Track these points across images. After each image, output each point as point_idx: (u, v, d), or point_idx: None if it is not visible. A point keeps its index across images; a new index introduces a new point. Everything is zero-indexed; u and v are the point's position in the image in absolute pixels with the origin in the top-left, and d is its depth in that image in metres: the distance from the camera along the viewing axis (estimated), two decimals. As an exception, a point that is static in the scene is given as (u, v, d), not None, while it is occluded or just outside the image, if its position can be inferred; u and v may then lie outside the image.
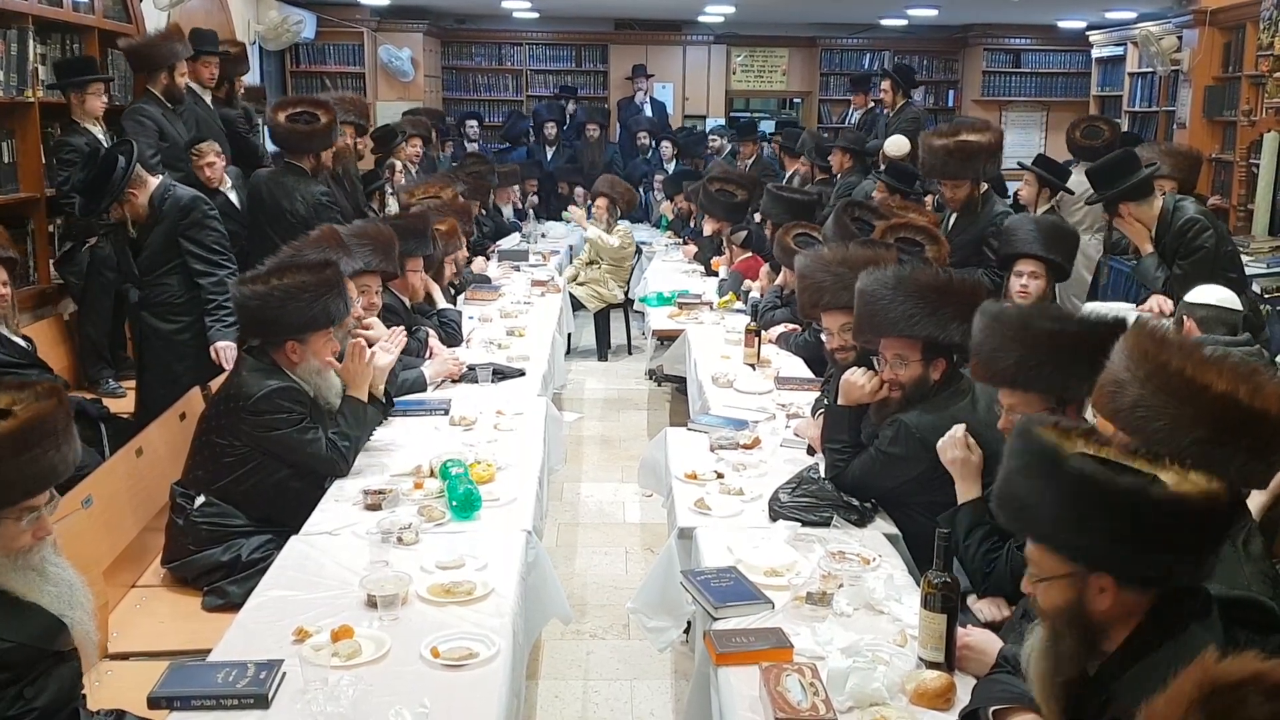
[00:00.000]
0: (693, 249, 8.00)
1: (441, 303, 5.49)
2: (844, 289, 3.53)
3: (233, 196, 5.62)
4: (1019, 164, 7.29)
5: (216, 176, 5.53)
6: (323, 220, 5.22)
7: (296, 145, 5.60)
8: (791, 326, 5.21)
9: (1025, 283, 4.08)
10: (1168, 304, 4.23)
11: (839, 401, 3.23)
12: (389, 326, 4.48)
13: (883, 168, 6.96)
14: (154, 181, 4.47)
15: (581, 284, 7.89)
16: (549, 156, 10.90)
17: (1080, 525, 1.67)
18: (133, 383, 4.82)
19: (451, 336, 5.13)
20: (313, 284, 3.31)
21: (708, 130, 11.21)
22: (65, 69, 5.23)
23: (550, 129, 10.90)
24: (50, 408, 2.02)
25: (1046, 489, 1.70)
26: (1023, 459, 1.76)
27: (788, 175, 8.57)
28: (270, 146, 6.36)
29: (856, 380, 3.18)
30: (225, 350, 4.38)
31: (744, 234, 6.92)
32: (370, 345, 3.66)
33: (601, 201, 8.05)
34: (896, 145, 7.25)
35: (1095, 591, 1.69)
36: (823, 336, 3.89)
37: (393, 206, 6.87)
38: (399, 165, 7.65)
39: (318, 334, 3.34)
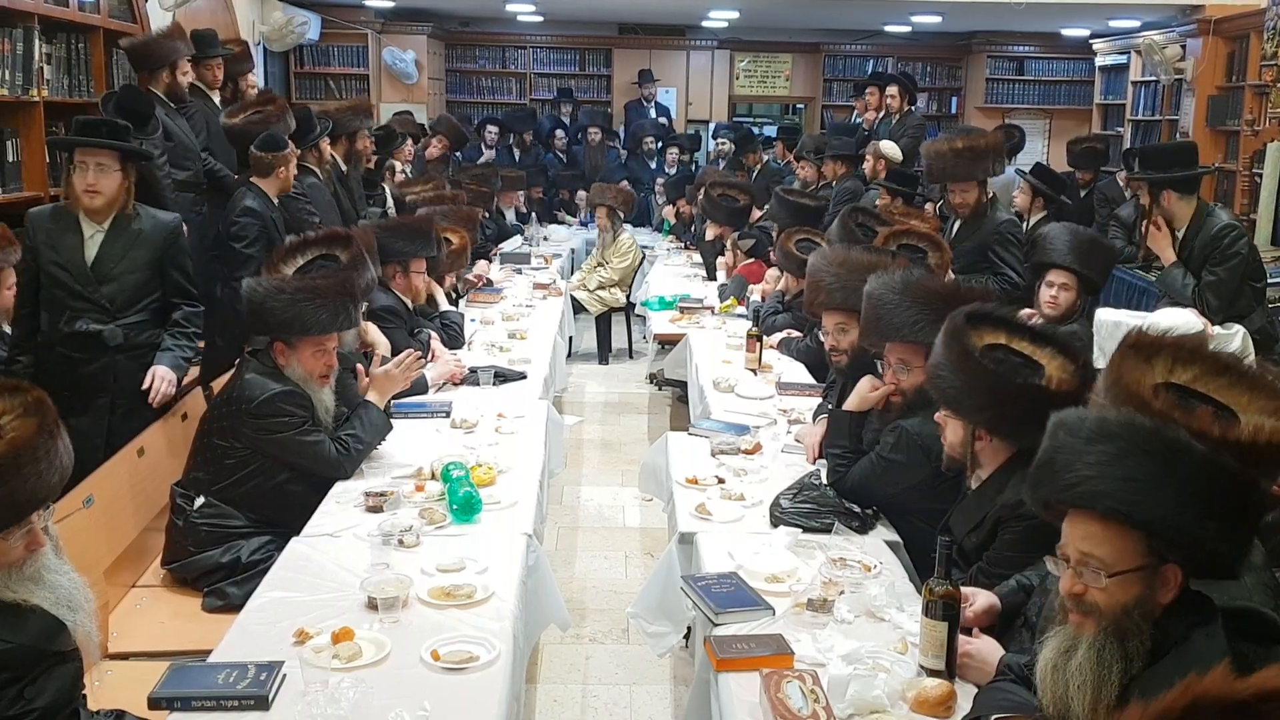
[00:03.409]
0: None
1: (444, 305, 5.49)
2: (841, 289, 3.54)
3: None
4: (1016, 171, 7.32)
5: (292, 177, 5.11)
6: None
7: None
8: (793, 332, 5.22)
9: (1055, 293, 4.04)
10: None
11: (848, 405, 3.24)
12: (390, 328, 4.50)
13: (882, 175, 6.97)
14: (120, 180, 3.73)
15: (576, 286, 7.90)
16: (517, 159, 10.92)
17: (1155, 485, 1.64)
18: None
19: (453, 339, 5.13)
20: (303, 288, 3.28)
21: (714, 132, 11.20)
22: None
23: (528, 138, 11.02)
24: (31, 431, 1.94)
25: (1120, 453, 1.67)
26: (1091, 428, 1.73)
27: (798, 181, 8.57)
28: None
29: (864, 390, 3.23)
30: (164, 378, 3.69)
31: (752, 241, 6.92)
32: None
33: (602, 211, 8.07)
34: (890, 149, 7.26)
35: (1162, 584, 1.68)
36: (821, 336, 3.90)
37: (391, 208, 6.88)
38: (398, 166, 7.67)
39: (304, 341, 3.29)
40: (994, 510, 2.51)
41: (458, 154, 9.81)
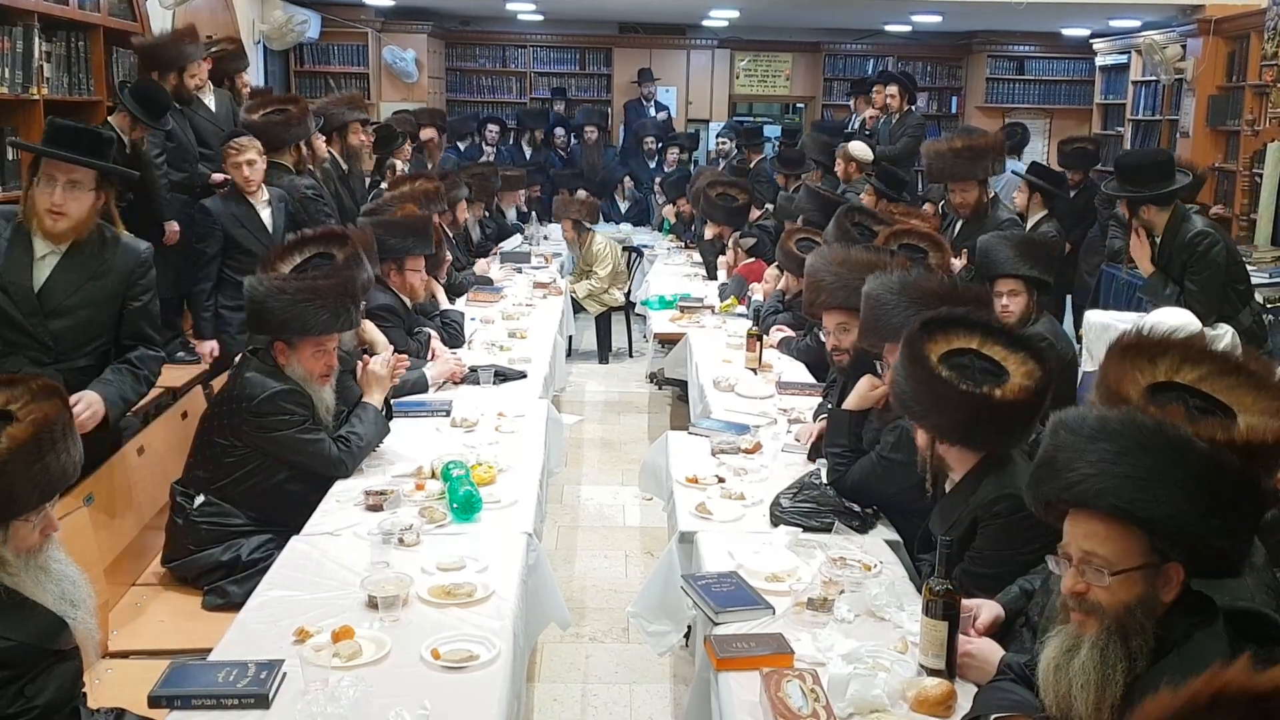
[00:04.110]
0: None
1: (445, 304, 5.48)
2: (842, 289, 3.55)
3: (265, 214, 4.91)
4: (1012, 172, 7.32)
5: (256, 179, 4.87)
6: (309, 214, 5.18)
7: (276, 139, 5.46)
8: (792, 331, 5.21)
9: (1006, 302, 4.04)
10: None
11: (847, 404, 3.24)
12: (389, 326, 4.50)
13: (855, 177, 6.99)
14: (92, 202, 3.03)
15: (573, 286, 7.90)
16: (528, 156, 10.93)
17: (1152, 481, 1.64)
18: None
19: (454, 338, 5.12)
20: (304, 289, 3.27)
21: (716, 133, 11.19)
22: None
23: (539, 135, 11.02)
24: (55, 410, 2.00)
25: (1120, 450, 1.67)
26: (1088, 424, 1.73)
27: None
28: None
29: (864, 389, 3.23)
30: (91, 405, 2.96)
31: (752, 240, 6.92)
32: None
33: (566, 224, 8.06)
34: (860, 149, 7.26)
35: (1164, 582, 1.68)
36: (822, 336, 3.90)
37: None
38: (399, 165, 7.66)
39: (304, 341, 3.29)
40: (968, 510, 2.52)
41: (459, 145, 9.79)
